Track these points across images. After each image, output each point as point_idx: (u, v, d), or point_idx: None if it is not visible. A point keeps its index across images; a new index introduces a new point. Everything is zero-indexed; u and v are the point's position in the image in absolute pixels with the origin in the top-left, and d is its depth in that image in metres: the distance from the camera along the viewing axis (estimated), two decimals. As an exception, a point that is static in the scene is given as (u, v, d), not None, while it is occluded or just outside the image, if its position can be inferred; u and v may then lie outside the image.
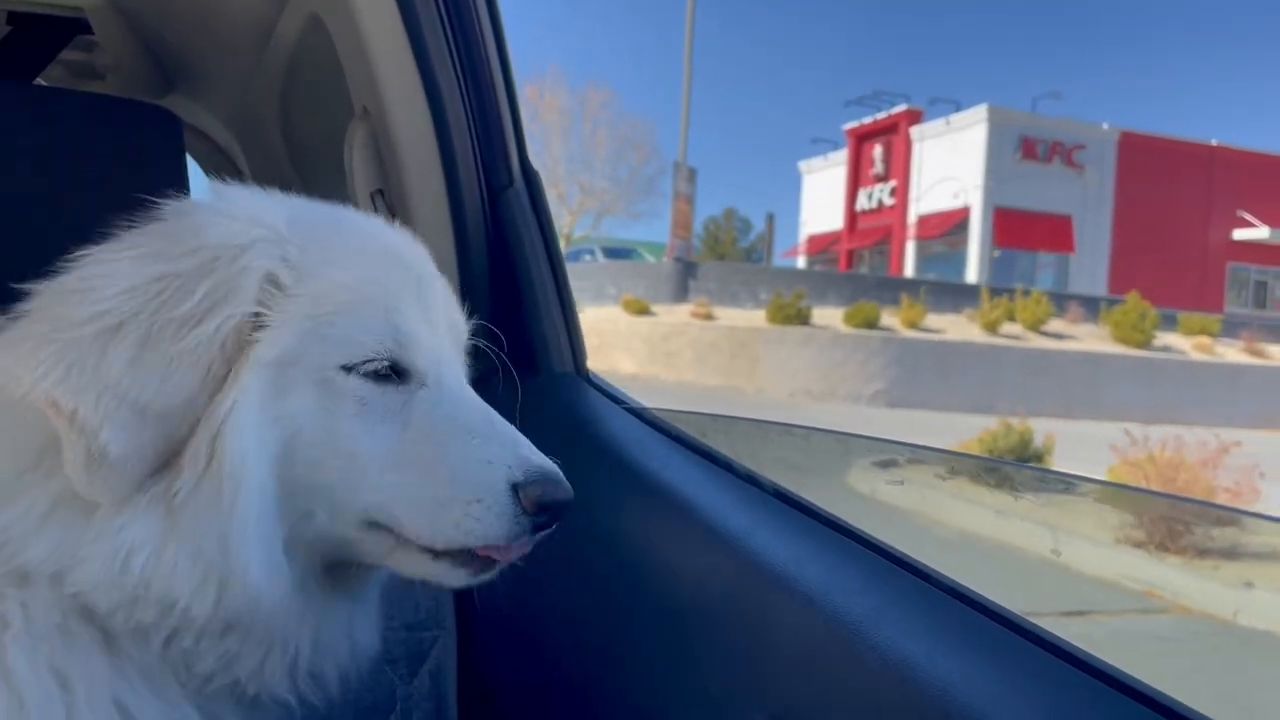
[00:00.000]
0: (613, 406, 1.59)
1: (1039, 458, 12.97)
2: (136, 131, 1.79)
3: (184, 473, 0.96)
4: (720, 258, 50.34)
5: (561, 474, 1.07)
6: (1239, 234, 39.56)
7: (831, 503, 1.22)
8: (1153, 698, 0.88)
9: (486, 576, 1.11)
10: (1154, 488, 10.81)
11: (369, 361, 1.04)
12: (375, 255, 1.12)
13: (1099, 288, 33.22)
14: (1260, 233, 38.97)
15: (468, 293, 1.51)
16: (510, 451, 1.06)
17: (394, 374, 1.07)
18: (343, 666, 1.13)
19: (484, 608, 1.57)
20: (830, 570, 1.12)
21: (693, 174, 32.37)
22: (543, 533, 1.08)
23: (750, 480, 1.32)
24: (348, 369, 1.04)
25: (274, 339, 1.01)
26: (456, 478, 1.04)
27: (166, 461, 0.97)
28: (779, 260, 49.01)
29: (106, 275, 0.98)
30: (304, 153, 2.52)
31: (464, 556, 1.08)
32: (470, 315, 1.24)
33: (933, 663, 0.95)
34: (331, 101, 1.90)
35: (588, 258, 34.60)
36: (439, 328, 1.15)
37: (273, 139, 2.56)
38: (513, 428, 1.11)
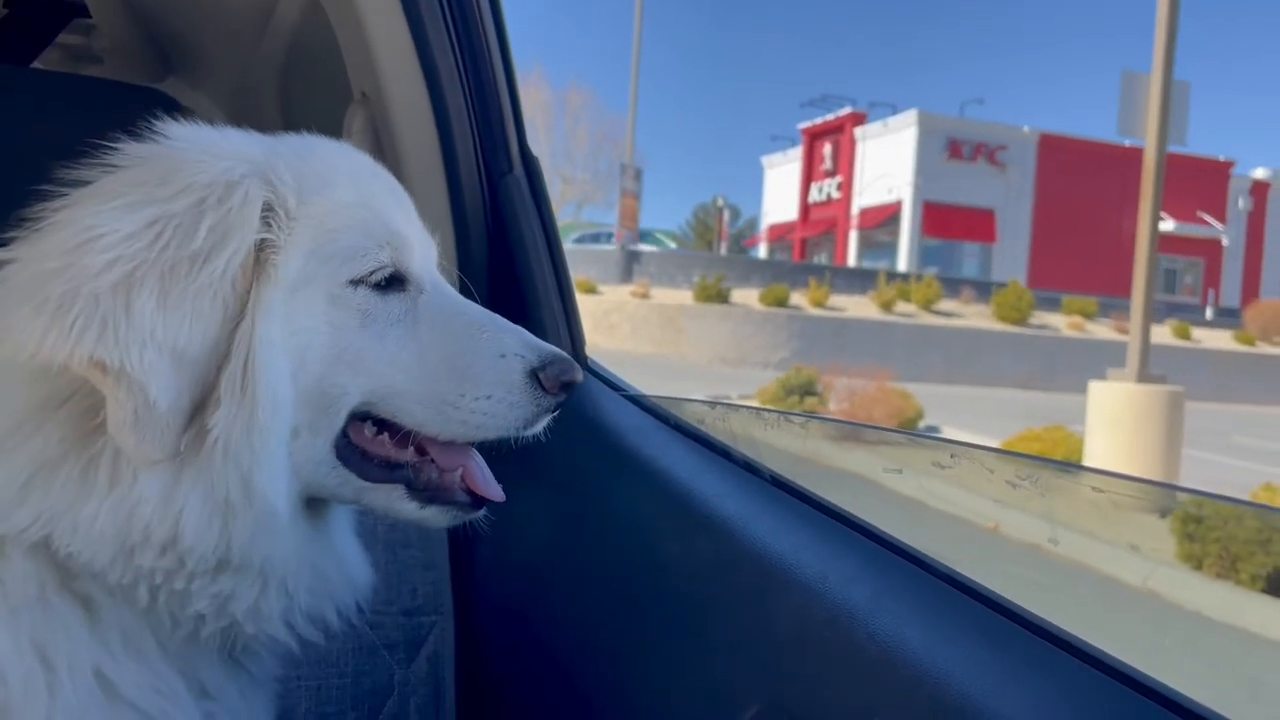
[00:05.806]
0: (611, 393, 1.50)
1: (818, 395, 15.05)
2: (133, 115, 1.65)
3: (221, 407, 0.90)
4: (709, 244, 50.31)
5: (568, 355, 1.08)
6: (1149, 227, 40.28)
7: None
8: (1147, 685, 0.82)
9: (470, 516, 1.07)
10: (850, 416, 13.35)
11: (375, 272, 1.01)
12: (361, 174, 1.09)
13: (1020, 275, 33.77)
14: (1167, 225, 39.76)
15: (466, 279, 1.42)
16: (520, 341, 1.05)
17: (396, 282, 1.03)
18: (342, 603, 1.06)
19: (482, 593, 1.48)
20: (828, 558, 1.05)
21: (639, 173, 33.15)
22: (557, 408, 1.07)
23: (748, 468, 1.25)
24: (355, 283, 1.00)
25: (285, 262, 0.96)
26: (468, 374, 1.02)
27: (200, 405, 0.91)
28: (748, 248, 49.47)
29: (104, 223, 0.89)
30: (302, 138, 2.39)
31: (451, 497, 1.05)
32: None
33: (930, 651, 0.90)
34: (330, 86, 1.80)
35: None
36: (421, 236, 1.13)
37: (271, 123, 2.42)
38: (508, 321, 1.09)
